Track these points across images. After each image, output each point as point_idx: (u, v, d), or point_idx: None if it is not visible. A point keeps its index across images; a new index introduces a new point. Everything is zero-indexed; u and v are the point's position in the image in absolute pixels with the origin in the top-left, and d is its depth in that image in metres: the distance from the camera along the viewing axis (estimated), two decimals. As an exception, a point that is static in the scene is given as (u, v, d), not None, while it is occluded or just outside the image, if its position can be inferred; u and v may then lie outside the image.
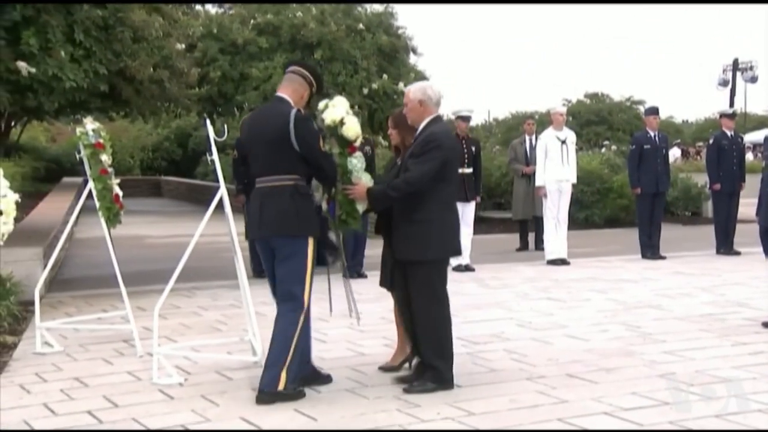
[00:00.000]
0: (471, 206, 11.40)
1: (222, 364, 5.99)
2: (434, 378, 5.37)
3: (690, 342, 6.72)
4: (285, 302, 5.28)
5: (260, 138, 5.36)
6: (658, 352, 6.36)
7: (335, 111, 5.34)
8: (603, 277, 10.23)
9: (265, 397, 5.13)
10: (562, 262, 11.41)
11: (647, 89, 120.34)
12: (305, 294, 5.27)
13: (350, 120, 5.33)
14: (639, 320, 7.59)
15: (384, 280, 5.86)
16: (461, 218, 11.10)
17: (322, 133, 5.39)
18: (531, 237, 13.54)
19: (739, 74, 35.97)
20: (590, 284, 9.72)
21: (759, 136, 31.40)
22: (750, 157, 28.01)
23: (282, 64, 24.62)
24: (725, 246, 12.45)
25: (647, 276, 10.34)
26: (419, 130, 5.48)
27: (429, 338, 5.40)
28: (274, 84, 20.18)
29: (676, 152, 30.68)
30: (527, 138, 13.71)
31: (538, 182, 11.72)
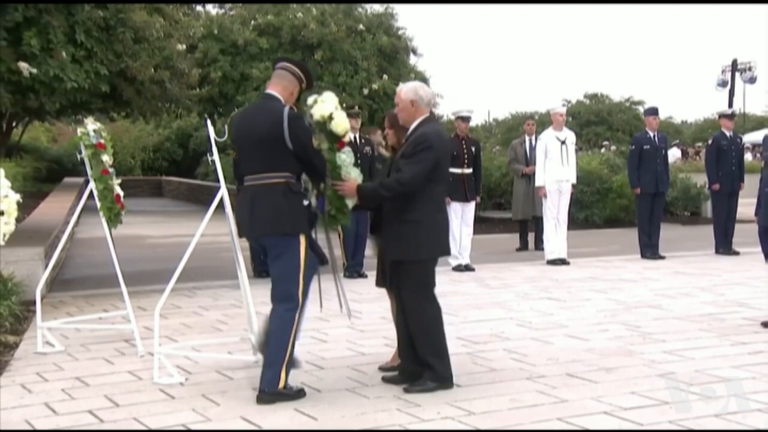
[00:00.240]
0: (471, 206, 11.44)
1: (223, 364, 6.00)
2: (433, 377, 5.38)
3: (689, 342, 6.74)
4: (281, 302, 5.26)
5: (251, 136, 5.29)
6: (658, 352, 6.37)
7: (324, 106, 5.31)
8: (603, 277, 10.25)
9: (266, 397, 5.13)
10: (562, 262, 11.43)
11: (647, 90, 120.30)
12: (300, 292, 5.26)
13: (339, 115, 5.31)
14: (639, 320, 7.60)
15: (379, 279, 5.88)
16: (461, 218, 11.33)
17: (312, 129, 5.37)
18: (531, 237, 13.57)
19: (738, 75, 35.90)
20: (590, 284, 9.74)
21: (758, 137, 31.35)
22: (749, 158, 27.97)
23: (282, 65, 24.62)
24: (724, 246, 12.48)
25: (647, 276, 10.36)
26: (410, 130, 5.49)
27: (423, 338, 5.40)
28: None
29: (677, 152, 30.58)
30: (527, 138, 13.74)
31: (538, 182, 11.74)
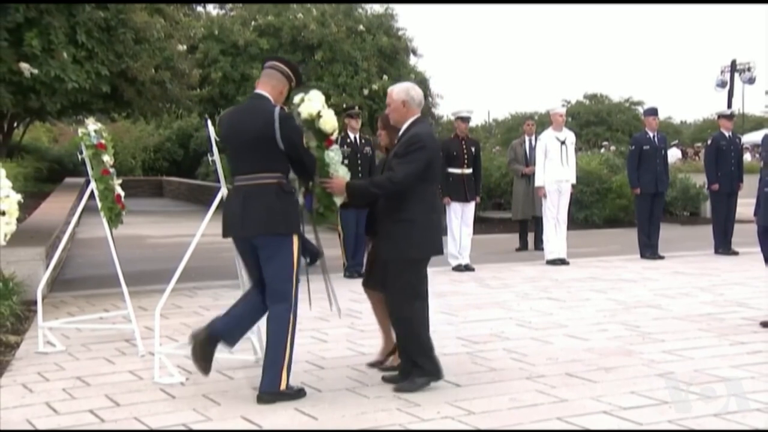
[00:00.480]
0: (471, 206, 11.46)
1: (223, 364, 5.99)
2: (421, 373, 5.40)
3: (689, 341, 6.75)
4: (277, 303, 5.25)
5: (242, 136, 5.25)
6: (658, 352, 6.39)
7: (312, 105, 5.31)
8: (602, 277, 10.26)
9: (266, 397, 5.14)
10: (562, 262, 11.44)
11: (646, 90, 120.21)
12: (294, 292, 5.27)
13: (327, 113, 5.32)
14: (638, 320, 7.62)
15: (366, 280, 5.95)
16: (461, 218, 11.34)
17: (300, 128, 5.37)
18: (531, 237, 13.59)
19: (737, 75, 35.91)
20: (590, 284, 9.75)
21: (757, 137, 31.37)
22: (748, 158, 28.02)
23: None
24: (723, 246, 12.50)
25: (646, 276, 10.37)
26: (402, 131, 5.52)
27: (410, 337, 5.43)
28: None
29: (677, 153, 30.56)
30: (527, 138, 13.76)
31: (538, 182, 11.75)
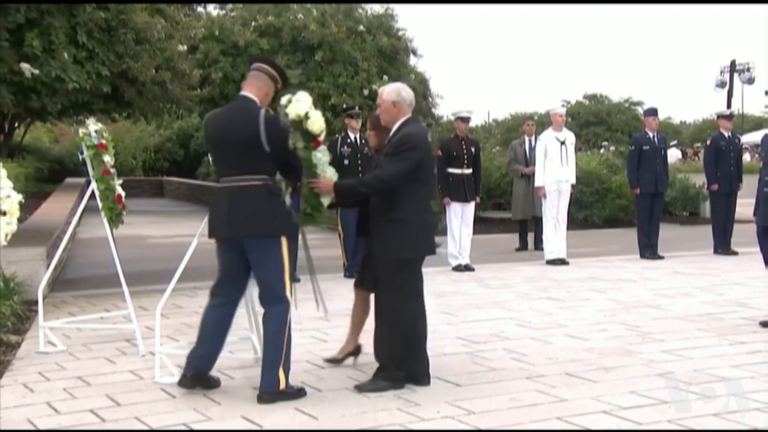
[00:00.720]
0: (471, 206, 11.48)
1: (223, 363, 5.99)
2: (386, 377, 5.41)
3: (688, 341, 6.76)
4: (273, 304, 5.26)
5: (227, 138, 5.26)
6: (657, 352, 6.40)
7: (299, 105, 5.30)
8: (602, 277, 10.27)
9: (267, 397, 5.16)
10: (562, 262, 11.45)
11: (646, 90, 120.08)
12: (287, 291, 5.27)
13: (315, 114, 5.31)
14: (638, 320, 7.63)
15: (358, 280, 5.97)
16: (461, 218, 11.35)
17: (287, 128, 5.37)
18: (531, 237, 13.60)
19: (737, 76, 35.91)
20: (589, 284, 9.76)
21: (756, 137, 31.34)
22: (747, 158, 28.03)
23: (283, 65, 24.63)
24: (723, 246, 12.51)
25: (646, 276, 10.38)
26: (393, 131, 5.52)
27: (386, 337, 5.44)
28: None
29: (677, 153, 30.56)
30: (527, 139, 13.77)
31: (538, 183, 11.77)
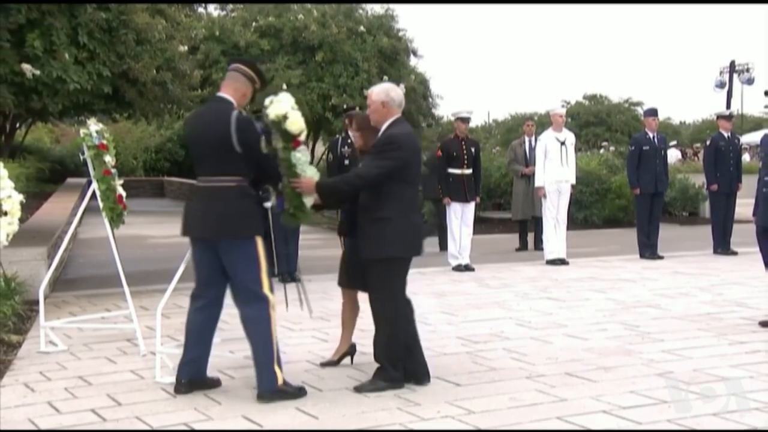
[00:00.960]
0: (471, 206, 11.50)
1: (224, 363, 6.02)
2: (385, 377, 5.42)
3: (688, 341, 6.78)
4: (250, 304, 5.25)
5: (201, 139, 5.29)
6: (657, 351, 6.41)
7: (280, 106, 5.31)
8: (602, 277, 10.28)
9: (267, 396, 5.17)
10: (562, 262, 11.47)
11: (645, 91, 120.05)
12: (266, 289, 5.24)
13: (294, 115, 5.31)
14: (638, 319, 7.64)
15: (342, 279, 6.00)
16: (461, 218, 11.36)
17: (264, 132, 5.36)
18: (530, 237, 13.62)
19: (736, 76, 35.93)
20: (589, 284, 9.77)
21: (756, 138, 31.34)
22: (747, 158, 28.04)
23: (284, 66, 24.67)
24: (722, 246, 12.53)
25: (646, 276, 10.39)
26: (381, 132, 5.48)
27: (381, 338, 5.45)
28: (276, 85, 20.24)
29: (676, 153, 30.58)
30: (527, 139, 13.79)
31: (538, 183, 11.78)
